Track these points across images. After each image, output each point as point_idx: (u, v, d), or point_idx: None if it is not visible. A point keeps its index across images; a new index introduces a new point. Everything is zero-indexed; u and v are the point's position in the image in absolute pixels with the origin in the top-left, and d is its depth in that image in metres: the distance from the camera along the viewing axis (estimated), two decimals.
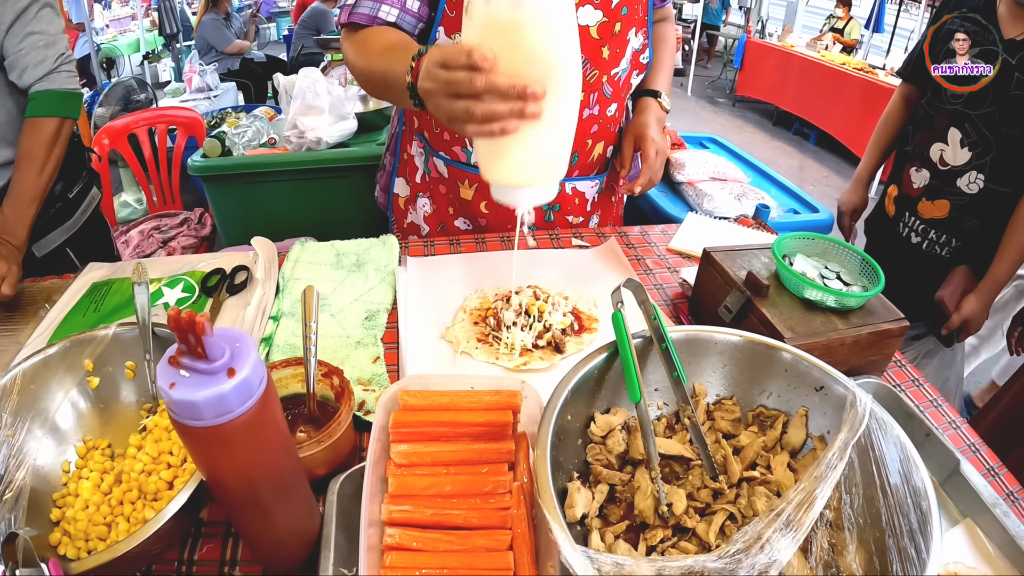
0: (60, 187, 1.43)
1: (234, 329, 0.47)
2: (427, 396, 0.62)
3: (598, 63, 1.13)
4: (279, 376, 0.74)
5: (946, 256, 1.57)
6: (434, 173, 1.28)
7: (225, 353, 0.44)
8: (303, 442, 0.63)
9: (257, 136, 2.22)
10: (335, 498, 0.65)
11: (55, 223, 1.43)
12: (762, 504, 0.66)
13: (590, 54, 1.11)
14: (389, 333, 0.97)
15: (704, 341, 0.72)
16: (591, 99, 1.17)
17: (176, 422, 0.46)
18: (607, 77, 1.16)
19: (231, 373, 0.44)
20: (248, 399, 0.45)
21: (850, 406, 0.67)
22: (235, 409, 0.45)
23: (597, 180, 1.33)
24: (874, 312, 0.90)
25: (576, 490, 0.59)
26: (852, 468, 0.65)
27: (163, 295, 1.06)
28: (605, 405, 0.70)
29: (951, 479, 0.78)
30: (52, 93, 1.28)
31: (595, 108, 1.19)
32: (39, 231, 1.37)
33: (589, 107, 1.18)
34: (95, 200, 1.56)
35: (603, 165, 1.34)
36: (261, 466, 0.51)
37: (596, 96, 1.17)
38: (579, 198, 1.32)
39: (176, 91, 4.65)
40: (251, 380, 0.45)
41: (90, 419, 0.79)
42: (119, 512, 0.71)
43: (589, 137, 1.23)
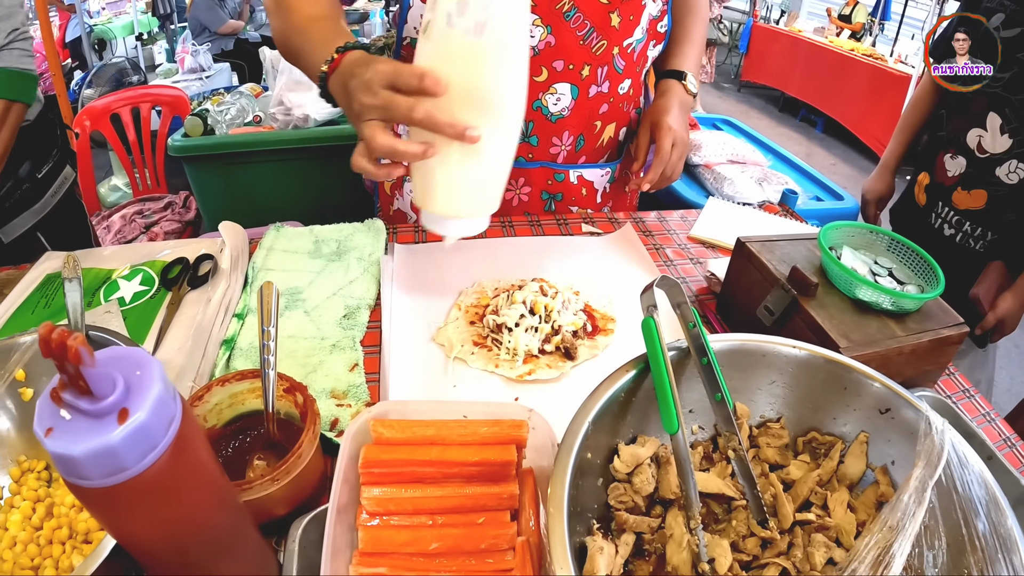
0: (28, 167, 1.30)
1: (136, 350, 0.34)
2: (407, 427, 0.49)
3: (607, 32, 0.99)
4: (233, 391, 0.62)
5: (980, 250, 1.45)
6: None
7: (116, 387, 0.32)
8: (254, 481, 0.51)
9: (241, 114, 2.09)
10: (296, 546, 0.52)
11: (23, 205, 1.31)
12: (820, 556, 0.53)
13: (597, 22, 0.98)
14: (371, 334, 0.84)
15: (752, 353, 0.59)
16: (599, 74, 1.03)
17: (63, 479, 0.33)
18: (618, 49, 1.02)
19: (123, 416, 0.31)
20: (149, 451, 0.32)
21: (924, 435, 0.55)
22: (131, 466, 0.32)
23: (608, 168, 1.19)
24: (931, 316, 0.77)
25: (598, 551, 0.46)
26: (933, 515, 0.53)
27: (119, 288, 0.93)
28: (631, 433, 0.57)
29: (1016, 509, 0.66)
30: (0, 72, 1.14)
31: (604, 85, 1.05)
32: (5, 214, 1.24)
33: (597, 84, 1.04)
34: (68, 180, 1.43)
35: (615, 151, 1.19)
36: (186, 529, 0.39)
37: (605, 71, 1.03)
38: (587, 188, 1.18)
39: (168, 72, 4.53)
40: (152, 426, 0.32)
41: (24, 437, 0.66)
42: (48, 554, 0.59)
43: (598, 119, 1.09)
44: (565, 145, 1.10)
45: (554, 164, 1.12)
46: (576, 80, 1.02)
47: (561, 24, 0.96)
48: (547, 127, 1.07)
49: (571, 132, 1.09)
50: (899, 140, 1.75)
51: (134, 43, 7.27)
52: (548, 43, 0.98)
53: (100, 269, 0.96)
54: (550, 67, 1.00)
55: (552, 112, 1.05)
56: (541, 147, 1.09)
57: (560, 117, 1.06)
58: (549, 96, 1.03)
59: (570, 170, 1.14)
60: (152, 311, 0.87)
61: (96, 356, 0.31)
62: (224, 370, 0.76)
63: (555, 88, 1.02)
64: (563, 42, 0.98)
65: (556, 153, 1.11)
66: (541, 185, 1.14)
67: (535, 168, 1.12)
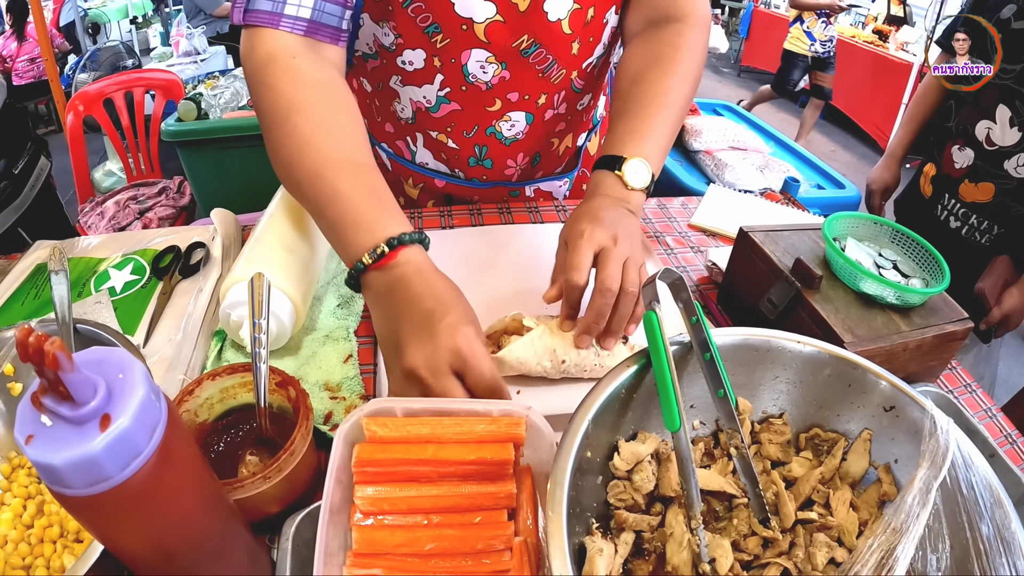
0: (3, 164, 1.28)
1: (119, 351, 0.33)
2: (401, 425, 0.47)
3: (566, 61, 0.93)
4: (224, 385, 0.60)
5: (986, 244, 1.44)
6: (379, 161, 1.11)
7: (98, 393, 0.30)
8: (245, 480, 0.49)
9: (236, 98, 2.06)
10: (290, 545, 0.51)
11: (3, 204, 1.29)
12: (822, 556, 0.52)
13: (558, 52, 0.91)
14: (365, 324, 0.82)
15: (757, 348, 0.58)
16: (556, 99, 0.98)
17: (47, 487, 0.32)
18: (577, 72, 0.96)
19: (105, 423, 0.30)
20: (133, 460, 0.31)
21: (928, 435, 0.54)
22: (113, 475, 0.30)
23: (566, 178, 1.13)
24: (936, 311, 0.76)
25: (597, 552, 0.45)
26: (937, 517, 0.52)
27: (109, 278, 0.91)
28: (631, 429, 0.56)
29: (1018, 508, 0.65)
30: None
31: (561, 107, 1.00)
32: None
33: (554, 108, 0.99)
34: (44, 171, 1.41)
35: (574, 157, 1.14)
36: (173, 536, 0.37)
37: (563, 95, 0.98)
38: (544, 197, 1.14)
39: (163, 56, 4.48)
40: (134, 433, 0.31)
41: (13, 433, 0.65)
42: (39, 553, 0.58)
43: (554, 136, 1.05)
44: (520, 165, 1.06)
45: (508, 183, 1.09)
46: (532, 108, 0.98)
47: (518, 61, 0.90)
48: (501, 150, 1.02)
49: (526, 153, 1.05)
50: (907, 130, 1.73)
51: (128, 27, 7.20)
52: (502, 78, 0.92)
53: (91, 258, 0.94)
54: (504, 98, 0.95)
55: (506, 136, 1.00)
56: (496, 169, 1.05)
57: (514, 140, 1.01)
58: (503, 123, 0.98)
59: (526, 186, 1.11)
60: (143, 301, 0.86)
61: (76, 360, 0.30)
62: (216, 362, 0.75)
63: (509, 116, 0.98)
64: (519, 76, 0.92)
65: (511, 174, 1.07)
66: (498, 200, 1.11)
67: (489, 188, 1.09)
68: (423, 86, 0.94)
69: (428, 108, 0.97)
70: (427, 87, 0.94)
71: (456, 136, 1.00)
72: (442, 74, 0.91)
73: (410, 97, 0.96)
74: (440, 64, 0.90)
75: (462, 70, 0.91)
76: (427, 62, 0.90)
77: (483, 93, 0.94)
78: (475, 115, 0.97)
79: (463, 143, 1.01)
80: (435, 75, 0.92)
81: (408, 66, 0.92)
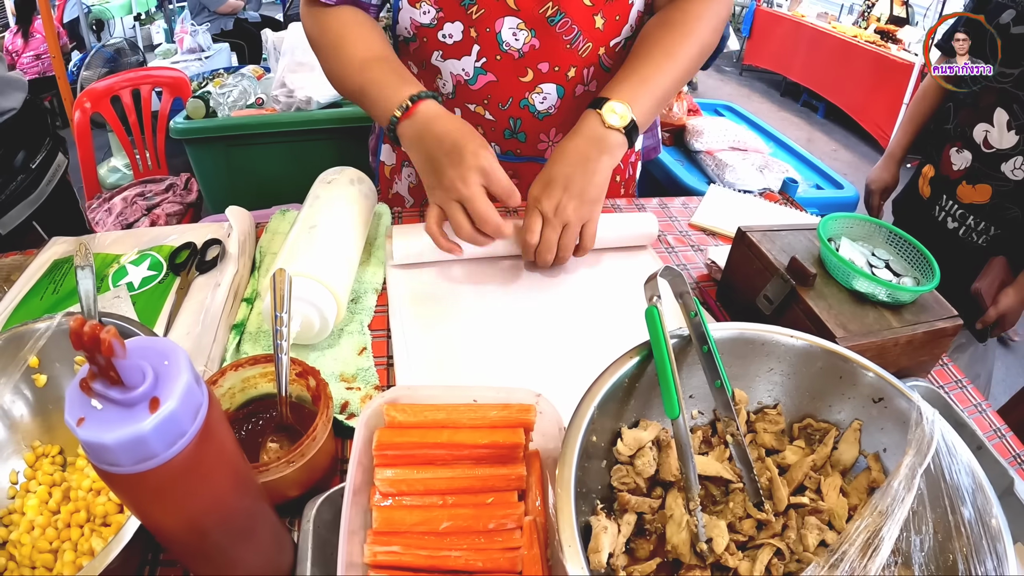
0: (21, 157, 1.30)
1: (163, 340, 0.36)
2: (419, 411, 0.51)
3: (591, 34, 0.98)
4: (246, 375, 0.63)
5: (983, 245, 1.46)
6: None
7: (147, 377, 0.33)
8: (270, 464, 0.52)
9: (244, 96, 2.08)
10: (311, 527, 0.54)
11: (19, 197, 1.30)
12: (813, 538, 0.55)
13: (582, 23, 0.97)
14: (378, 318, 0.86)
15: (752, 342, 0.61)
16: (585, 75, 1.03)
17: (93, 465, 0.35)
18: (604, 49, 1.01)
19: (154, 405, 0.33)
20: (178, 439, 0.34)
21: (915, 424, 0.57)
22: (160, 453, 0.33)
23: None
24: (927, 308, 0.79)
25: (602, 530, 0.49)
26: (921, 502, 0.55)
27: (127, 274, 0.94)
28: (633, 417, 0.59)
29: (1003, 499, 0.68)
30: None
31: (591, 84, 1.05)
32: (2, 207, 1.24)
33: (584, 83, 1.04)
34: (61, 167, 1.43)
35: None
36: (208, 514, 0.40)
37: (591, 71, 1.03)
38: None
39: (167, 52, 4.47)
40: (181, 415, 0.34)
41: (38, 422, 0.68)
42: (66, 537, 0.60)
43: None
44: (553, 140, 1.11)
45: (542, 159, 1.12)
46: (562, 81, 1.03)
47: (546, 28, 0.97)
48: (535, 124, 1.08)
49: (559, 129, 1.09)
50: (906, 131, 1.75)
51: (132, 23, 7.21)
52: (532, 46, 0.98)
53: (107, 254, 0.97)
54: (535, 68, 1.01)
55: (539, 110, 1.06)
56: (529, 143, 1.10)
57: (547, 115, 1.07)
58: (535, 95, 1.04)
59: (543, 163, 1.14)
60: (161, 296, 0.89)
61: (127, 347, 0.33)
62: (235, 354, 0.78)
63: (541, 88, 1.03)
64: (548, 45, 0.98)
65: (543, 148, 1.12)
66: (530, 179, 1.13)
67: (523, 163, 1.13)
68: (462, 58, 1.01)
69: (467, 81, 1.03)
70: (465, 59, 1.01)
71: (492, 108, 1.06)
72: (478, 44, 0.99)
73: (451, 71, 1.03)
74: (476, 35, 0.98)
75: (496, 38, 0.97)
76: (464, 33, 0.98)
77: (516, 62, 1.00)
78: (509, 86, 1.03)
79: (499, 115, 1.07)
80: (472, 46, 0.99)
81: (448, 39, 0.99)
